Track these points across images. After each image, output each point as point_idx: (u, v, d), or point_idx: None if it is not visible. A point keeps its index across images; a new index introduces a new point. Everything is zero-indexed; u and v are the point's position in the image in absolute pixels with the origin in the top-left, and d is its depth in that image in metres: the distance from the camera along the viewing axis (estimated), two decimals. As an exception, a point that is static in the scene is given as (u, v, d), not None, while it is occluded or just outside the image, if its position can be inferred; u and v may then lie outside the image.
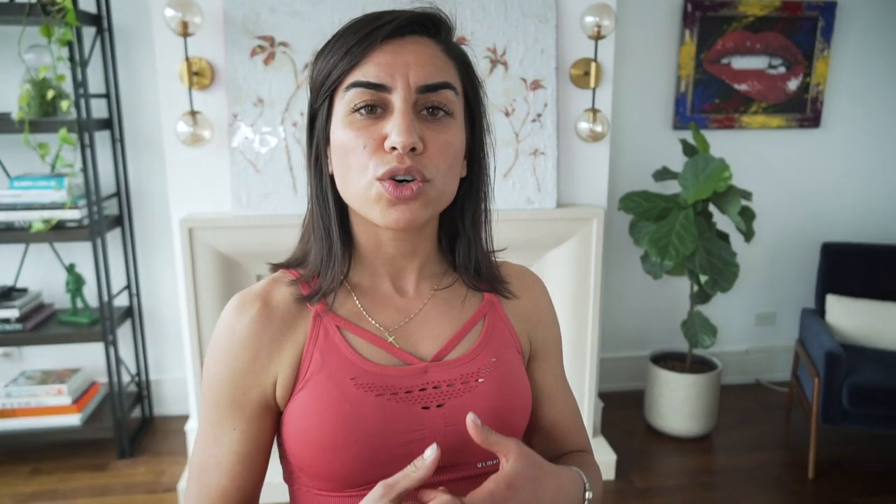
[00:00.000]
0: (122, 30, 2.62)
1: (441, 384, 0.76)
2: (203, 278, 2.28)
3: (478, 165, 0.80)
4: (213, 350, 0.77)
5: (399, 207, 0.70)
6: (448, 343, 0.79)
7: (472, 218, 0.82)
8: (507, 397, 0.78)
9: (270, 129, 2.26)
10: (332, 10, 2.23)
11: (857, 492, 2.42)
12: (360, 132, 0.70)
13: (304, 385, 0.74)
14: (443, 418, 0.75)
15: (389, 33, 0.71)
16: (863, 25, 3.01)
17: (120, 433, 2.59)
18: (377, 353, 0.76)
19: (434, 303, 0.81)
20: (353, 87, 0.71)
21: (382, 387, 0.74)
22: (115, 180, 2.68)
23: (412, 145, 0.68)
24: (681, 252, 2.31)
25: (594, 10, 2.25)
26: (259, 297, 0.76)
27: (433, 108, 0.72)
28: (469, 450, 0.75)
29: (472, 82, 0.78)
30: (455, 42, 0.77)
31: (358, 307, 0.79)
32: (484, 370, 0.78)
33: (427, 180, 0.70)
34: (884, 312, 2.71)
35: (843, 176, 3.17)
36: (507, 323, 0.84)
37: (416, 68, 0.70)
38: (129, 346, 2.84)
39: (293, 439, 0.74)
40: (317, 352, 0.75)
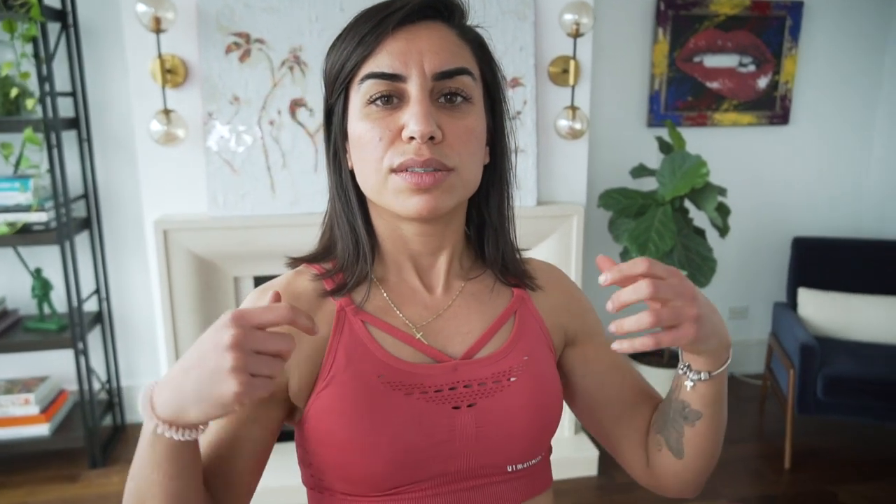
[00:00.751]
0: (89, 26, 2.54)
1: (472, 383, 0.73)
2: (178, 281, 2.23)
3: (500, 150, 0.78)
4: None
5: (421, 196, 0.68)
6: (478, 340, 0.76)
7: (497, 206, 0.79)
8: (540, 396, 0.76)
9: (247, 127, 2.21)
10: (308, 5, 2.19)
11: (833, 480, 2.48)
12: (377, 123, 0.68)
13: (327, 383, 0.70)
14: (474, 419, 0.72)
15: (401, 20, 0.68)
16: (829, 24, 3.08)
17: (91, 442, 2.51)
18: (405, 350, 0.73)
19: (463, 299, 0.79)
20: (367, 79, 0.69)
21: (411, 385, 0.71)
22: (82, 181, 2.60)
23: (430, 133, 0.66)
24: (660, 248, 2.33)
25: (573, 7, 2.26)
26: (275, 287, 0.74)
27: (451, 95, 0.69)
28: (500, 452, 0.73)
29: (490, 65, 0.75)
30: (469, 25, 0.74)
31: (386, 301, 0.76)
32: (516, 368, 0.75)
33: (449, 169, 0.68)
34: (853, 305, 2.78)
35: (811, 172, 3.24)
36: (538, 318, 0.81)
37: (431, 55, 0.68)
38: (99, 351, 2.76)
39: (317, 440, 0.71)
40: (341, 348, 0.72)
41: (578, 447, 2.55)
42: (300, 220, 2.24)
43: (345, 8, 2.21)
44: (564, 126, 2.35)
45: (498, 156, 0.78)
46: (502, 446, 0.72)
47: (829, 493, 2.41)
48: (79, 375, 2.46)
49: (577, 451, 2.53)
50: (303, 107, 2.24)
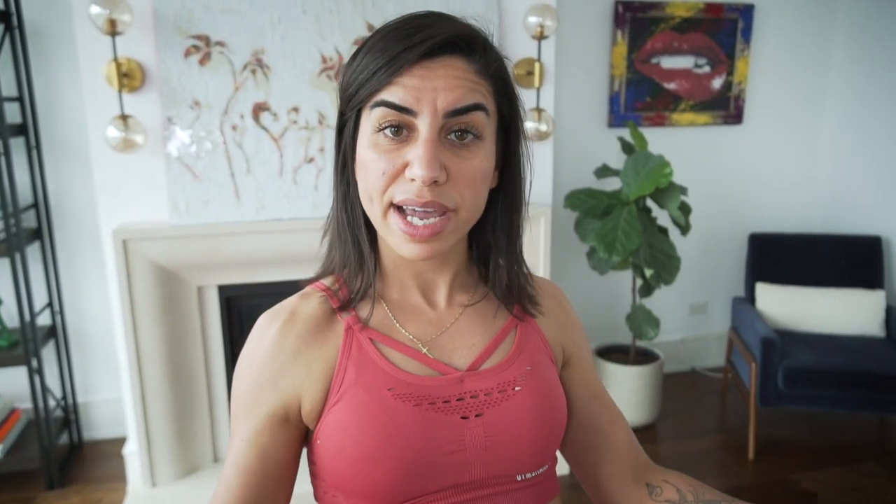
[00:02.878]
0: (36, 27, 2.43)
1: (478, 393, 0.74)
2: (140, 292, 2.15)
3: (513, 179, 0.77)
4: (238, 366, 0.76)
5: (417, 244, 0.69)
6: (482, 353, 0.78)
7: (505, 231, 0.79)
8: (545, 404, 0.77)
9: (208, 132, 2.15)
10: (270, 7, 2.15)
11: (795, 468, 2.56)
12: (383, 156, 0.68)
13: (338, 399, 0.72)
14: (482, 428, 0.73)
15: (421, 55, 0.67)
16: (778, 26, 3.18)
17: (48, 462, 2.40)
18: (412, 364, 0.75)
19: (467, 315, 0.80)
20: (379, 106, 0.68)
21: (420, 397, 0.72)
22: (32, 190, 2.48)
23: (434, 179, 0.66)
24: (627, 247, 2.37)
25: (537, 10, 2.27)
26: (285, 311, 0.76)
27: (461, 132, 0.68)
28: (510, 461, 0.73)
29: (509, 98, 0.74)
30: (493, 56, 0.72)
31: (390, 319, 0.77)
32: (520, 378, 0.77)
33: (450, 210, 0.69)
34: (809, 298, 2.87)
35: (765, 169, 3.34)
36: (539, 332, 0.84)
37: (445, 93, 0.67)
38: (53, 367, 2.64)
39: (330, 455, 0.71)
40: (351, 364, 0.73)
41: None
42: (266, 227, 2.20)
43: (307, 10, 2.17)
44: (531, 128, 2.36)
45: (509, 182, 0.77)
46: (512, 455, 0.73)
47: (792, 481, 2.48)
48: (32, 393, 2.35)
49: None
50: (266, 111, 2.19)
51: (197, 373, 2.33)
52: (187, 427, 2.34)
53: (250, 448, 0.71)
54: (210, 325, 2.33)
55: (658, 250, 2.53)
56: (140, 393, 2.23)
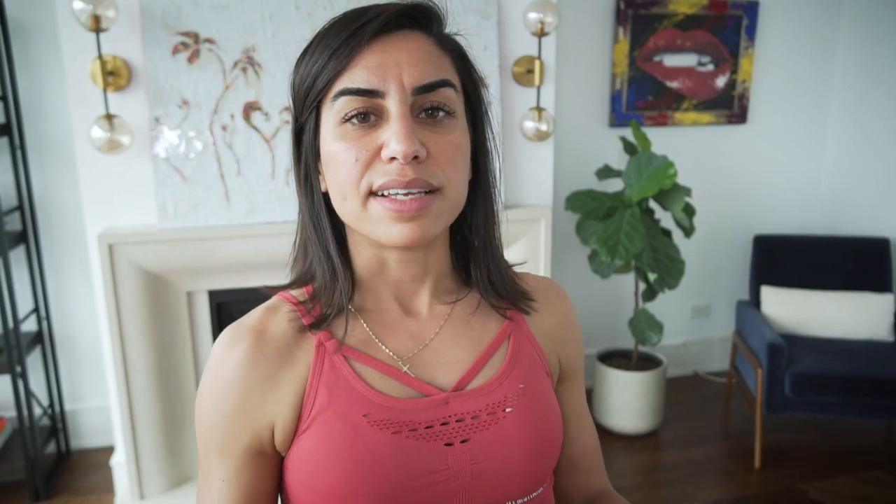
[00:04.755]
0: (19, 24, 2.35)
1: (465, 416, 0.68)
2: (126, 298, 2.08)
3: (483, 165, 0.73)
4: (201, 390, 0.68)
5: (405, 224, 0.63)
6: (469, 370, 0.71)
7: (483, 224, 0.73)
8: (538, 427, 0.70)
9: (197, 133, 2.08)
10: (261, 3, 2.07)
11: (802, 477, 2.49)
12: (353, 143, 0.63)
13: (308, 425, 0.65)
14: (468, 455, 0.67)
15: (376, 31, 0.63)
16: (784, 23, 3.12)
17: (33, 473, 2.32)
18: (391, 385, 0.68)
19: (451, 325, 0.73)
20: (341, 96, 0.63)
21: (400, 423, 0.65)
22: (16, 192, 2.41)
23: (414, 153, 0.61)
24: (630, 251, 2.30)
25: (537, 6, 2.20)
26: (252, 331, 0.68)
27: (432, 109, 0.64)
28: (498, 489, 0.68)
29: (471, 76, 0.70)
30: (448, 34, 0.69)
31: (368, 333, 0.70)
32: (511, 398, 0.70)
33: (436, 189, 0.63)
34: (815, 301, 2.80)
35: (770, 170, 3.27)
36: (534, 342, 0.76)
37: (409, 67, 0.62)
38: (39, 374, 2.57)
39: (299, 487, 0.65)
40: (322, 386, 0.66)
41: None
42: (257, 231, 2.12)
43: (300, 6, 2.10)
44: (530, 128, 2.29)
45: (481, 171, 0.73)
46: (500, 482, 0.67)
47: (799, 490, 2.41)
48: (17, 401, 2.27)
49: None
50: (257, 110, 2.11)
51: (186, 381, 2.25)
52: (176, 437, 2.26)
53: (233, 488, 0.66)
54: (200, 332, 2.26)
55: (662, 253, 2.46)
56: (127, 402, 2.15)
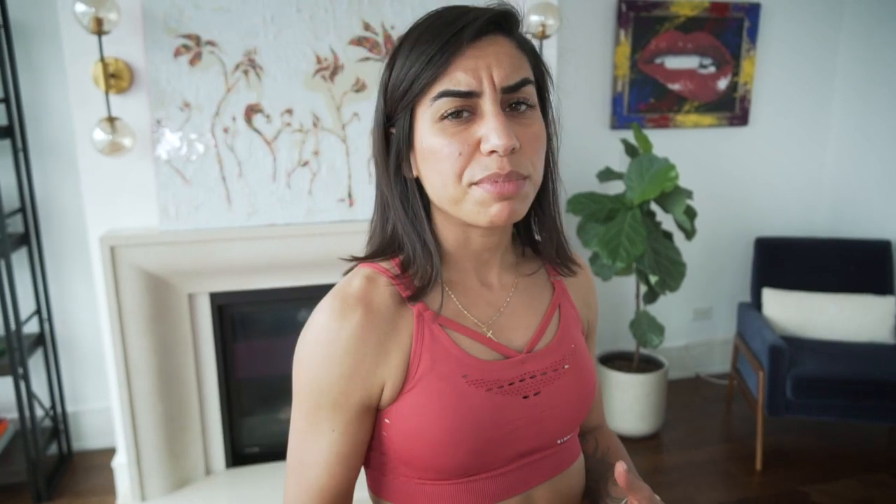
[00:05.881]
0: (22, 27, 2.36)
1: (536, 373, 0.80)
2: (128, 300, 2.08)
3: (548, 148, 0.81)
4: (312, 355, 0.76)
5: (501, 204, 0.72)
6: (536, 333, 0.83)
7: (551, 199, 0.84)
8: (585, 379, 0.85)
9: (199, 135, 2.08)
10: (263, 5, 2.08)
11: (804, 480, 2.49)
12: (454, 139, 0.71)
13: (414, 385, 0.75)
14: (539, 405, 0.79)
15: (471, 37, 0.71)
16: (785, 25, 3.11)
17: (35, 475, 2.33)
18: (479, 349, 0.79)
19: (517, 294, 0.85)
20: (441, 97, 0.71)
21: (490, 381, 0.77)
22: (18, 194, 2.41)
23: (513, 146, 0.69)
24: (631, 253, 2.30)
25: (538, 8, 2.20)
26: (360, 301, 0.76)
27: (516, 104, 0.73)
28: (555, 431, 0.82)
29: (542, 71, 0.79)
30: (524, 35, 0.78)
31: (456, 304, 0.80)
32: (568, 356, 0.83)
33: (526, 177, 0.73)
34: (817, 303, 2.80)
35: (771, 172, 3.27)
36: (574, 307, 0.89)
37: (498, 69, 0.71)
38: (41, 376, 2.57)
39: (404, 437, 0.76)
40: (425, 352, 0.76)
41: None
42: (259, 233, 2.12)
43: (301, 8, 2.10)
44: (532, 130, 2.29)
45: (547, 153, 0.81)
46: (556, 427, 0.81)
47: (801, 493, 2.41)
48: (19, 403, 2.28)
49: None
50: (259, 113, 2.12)
51: (188, 383, 2.26)
52: (178, 439, 2.26)
53: (345, 437, 0.76)
54: (201, 334, 2.26)
55: (663, 256, 2.46)
56: (129, 404, 2.16)
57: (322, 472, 0.77)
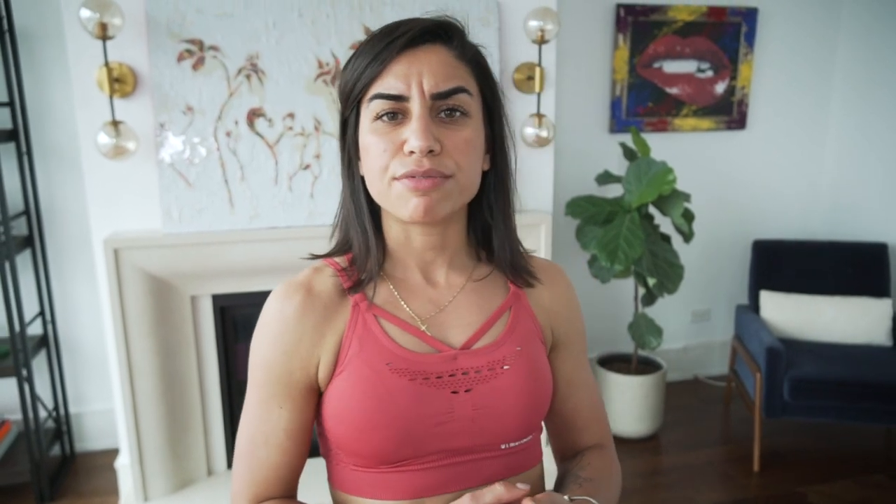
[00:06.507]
0: (27, 31, 2.38)
1: (469, 370, 0.81)
2: (131, 302, 2.10)
3: (500, 159, 0.86)
4: (261, 334, 0.82)
5: (420, 198, 0.76)
6: (477, 332, 0.85)
7: (501, 208, 0.87)
8: (530, 383, 0.84)
9: (202, 139, 2.11)
10: (265, 11, 2.10)
11: (801, 481, 2.51)
12: (383, 137, 0.77)
13: (343, 369, 0.80)
14: (471, 402, 0.80)
15: (405, 45, 0.76)
16: (782, 30, 3.14)
17: (38, 475, 2.35)
18: (410, 341, 0.82)
19: (465, 294, 0.87)
20: (375, 98, 0.77)
21: (415, 372, 0.79)
22: (22, 197, 2.44)
23: (429, 147, 0.74)
24: (630, 256, 2.32)
25: (537, 14, 2.22)
26: (302, 286, 0.82)
27: (450, 110, 0.77)
28: (494, 433, 0.81)
29: (488, 82, 0.83)
30: (470, 44, 0.82)
31: (394, 296, 0.84)
32: (509, 358, 0.84)
33: (447, 177, 0.76)
34: (814, 306, 2.82)
35: (768, 175, 3.29)
36: (531, 314, 0.90)
37: (429, 76, 0.76)
38: (44, 377, 2.59)
39: (332, 419, 0.80)
40: (355, 338, 0.80)
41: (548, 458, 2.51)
42: (261, 236, 2.15)
43: (303, 13, 2.13)
44: (531, 134, 2.32)
45: (499, 163, 0.86)
46: (496, 427, 0.81)
47: (798, 494, 2.43)
48: (23, 404, 2.30)
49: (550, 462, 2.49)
50: (261, 117, 2.14)
51: (191, 384, 2.28)
52: (181, 440, 2.28)
53: (293, 415, 0.81)
54: (204, 335, 2.28)
55: (661, 258, 2.48)
56: (132, 405, 2.17)
57: (273, 450, 0.81)
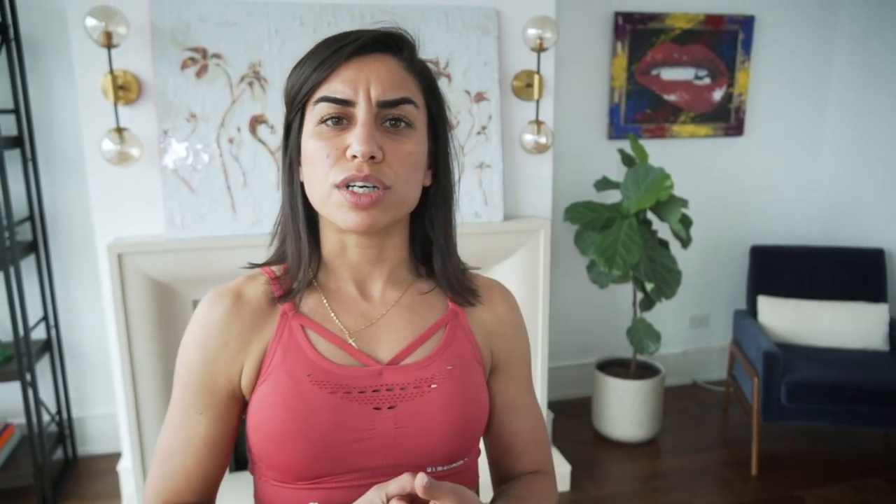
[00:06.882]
0: (32, 40, 2.42)
1: (394, 387, 0.79)
2: (135, 307, 2.12)
3: (443, 174, 0.85)
4: (187, 339, 0.81)
5: (358, 213, 0.75)
6: (406, 348, 0.82)
7: (442, 225, 0.86)
8: (461, 404, 0.81)
9: (204, 145, 2.13)
10: (267, 19, 2.13)
11: (799, 485, 2.52)
12: (326, 142, 0.76)
13: (265, 378, 0.78)
14: (393, 420, 0.78)
15: (354, 51, 0.76)
16: (779, 38, 3.17)
17: (41, 479, 2.37)
18: (336, 353, 0.80)
19: (399, 309, 0.85)
20: (321, 102, 0.76)
21: (336, 385, 0.77)
22: (27, 203, 2.46)
23: (371, 153, 0.73)
24: (627, 261, 2.34)
25: (536, 22, 2.26)
26: (231, 292, 0.81)
27: (394, 120, 0.77)
28: (419, 453, 0.79)
29: (434, 96, 0.82)
30: (418, 58, 0.81)
31: (325, 307, 0.83)
32: (438, 377, 0.81)
33: (387, 187, 0.75)
34: (811, 311, 2.84)
35: (766, 181, 3.32)
36: (469, 334, 0.87)
37: (377, 84, 0.75)
38: (47, 382, 2.61)
39: (254, 429, 0.78)
40: (279, 348, 0.79)
41: (550, 462, 2.53)
42: (263, 241, 2.15)
43: (305, 22, 2.16)
44: (530, 140, 2.34)
45: (441, 178, 0.85)
46: (421, 448, 0.78)
47: (796, 497, 2.44)
48: (26, 408, 2.32)
49: (549, 466, 2.51)
50: (263, 123, 2.17)
51: (192, 388, 2.29)
52: (182, 443, 2.30)
53: (213, 422, 0.80)
54: (206, 340, 2.30)
55: (659, 264, 2.51)
56: (134, 409, 2.19)
57: (189, 457, 0.79)
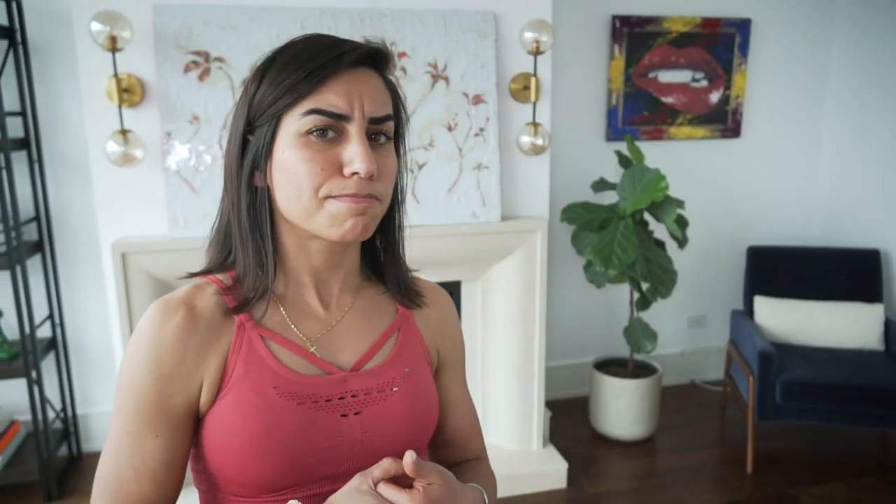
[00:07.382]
0: (38, 44, 2.46)
1: (359, 393, 0.80)
2: (138, 305, 2.17)
3: (398, 183, 0.86)
4: (133, 357, 0.75)
5: (355, 218, 0.74)
6: (366, 354, 0.83)
7: (392, 231, 0.87)
8: (418, 404, 0.84)
9: (207, 147, 2.18)
10: (269, 23, 2.18)
11: (794, 483, 2.55)
12: (317, 155, 0.73)
13: (226, 393, 0.75)
14: (360, 425, 0.79)
15: (350, 64, 0.74)
16: (776, 40, 3.20)
17: (46, 475, 2.41)
18: (299, 363, 0.79)
19: (353, 314, 0.85)
20: (312, 114, 0.73)
21: (304, 395, 0.77)
22: (33, 204, 2.51)
23: (374, 172, 0.73)
24: (623, 261, 2.37)
25: (533, 25, 2.29)
26: (183, 304, 0.76)
27: (376, 135, 0.77)
28: (382, 454, 0.78)
29: (399, 111, 0.84)
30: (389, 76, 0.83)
31: (283, 317, 0.81)
32: (398, 380, 0.83)
33: (378, 200, 0.77)
34: (807, 311, 2.87)
35: (763, 183, 3.35)
36: (419, 335, 0.90)
37: (369, 100, 0.75)
38: (52, 379, 2.66)
39: (214, 446, 0.75)
40: (240, 361, 0.76)
41: (547, 460, 2.56)
42: (264, 240, 2.21)
43: (305, 26, 2.20)
44: (526, 142, 2.38)
45: (396, 188, 0.85)
46: (384, 449, 0.79)
47: (790, 496, 2.47)
48: (32, 405, 2.36)
49: (546, 463, 2.54)
50: (264, 125, 2.21)
51: (195, 385, 2.33)
52: (185, 439, 2.34)
53: (170, 443, 0.75)
54: (208, 338, 2.34)
55: (655, 264, 2.54)
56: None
57: (146, 483, 0.74)
